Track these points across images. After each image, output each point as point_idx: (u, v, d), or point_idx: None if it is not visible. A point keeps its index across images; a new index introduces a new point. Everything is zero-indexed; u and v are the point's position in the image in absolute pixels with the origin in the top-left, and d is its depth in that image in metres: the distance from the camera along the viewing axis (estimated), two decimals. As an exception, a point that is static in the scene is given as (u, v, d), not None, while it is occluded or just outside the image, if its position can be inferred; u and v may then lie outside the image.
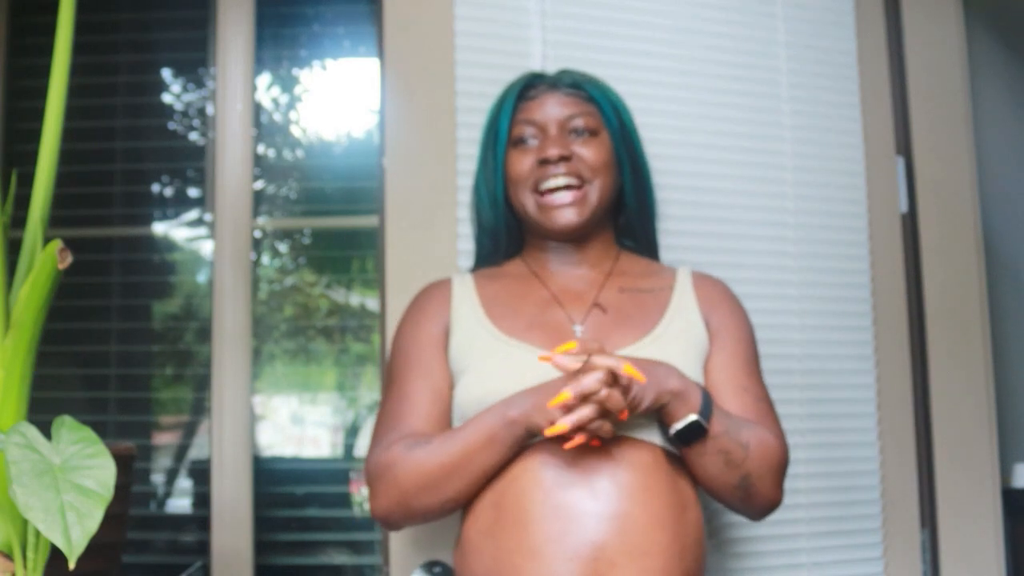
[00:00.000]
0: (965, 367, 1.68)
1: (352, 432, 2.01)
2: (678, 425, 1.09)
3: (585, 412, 1.02)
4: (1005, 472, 1.81)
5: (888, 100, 1.74)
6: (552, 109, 1.25)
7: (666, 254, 1.47)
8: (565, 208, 1.23)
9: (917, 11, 1.75)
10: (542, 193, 1.24)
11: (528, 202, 1.25)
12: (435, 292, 1.28)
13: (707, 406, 1.10)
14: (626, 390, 1.04)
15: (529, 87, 1.28)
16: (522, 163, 1.25)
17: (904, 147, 1.74)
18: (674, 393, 1.09)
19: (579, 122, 1.25)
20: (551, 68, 1.48)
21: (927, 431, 1.67)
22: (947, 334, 1.68)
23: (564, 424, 1.01)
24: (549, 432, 1.03)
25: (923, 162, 1.72)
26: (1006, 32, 2.07)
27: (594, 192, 1.24)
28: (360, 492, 1.94)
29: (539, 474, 1.09)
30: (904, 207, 1.73)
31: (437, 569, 1.33)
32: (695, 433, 1.09)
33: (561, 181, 1.22)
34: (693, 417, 1.08)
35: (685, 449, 1.12)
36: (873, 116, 1.73)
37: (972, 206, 1.72)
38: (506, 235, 1.31)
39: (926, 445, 1.67)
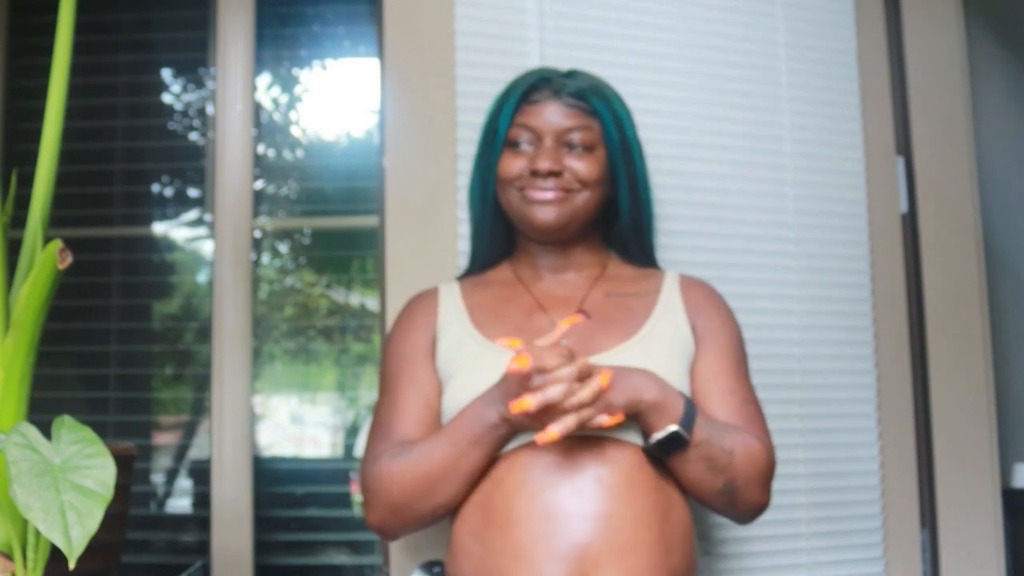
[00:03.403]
0: (965, 367, 1.68)
1: (352, 432, 2.01)
2: (658, 435, 1.09)
3: (570, 421, 1.02)
4: (1005, 472, 1.81)
5: (888, 100, 1.74)
6: (551, 118, 1.24)
7: (665, 254, 1.47)
8: (547, 205, 1.22)
9: (917, 11, 1.75)
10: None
11: (513, 199, 1.25)
12: (422, 302, 1.29)
13: (689, 415, 1.09)
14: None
15: (533, 90, 1.26)
16: (512, 165, 1.25)
17: (904, 147, 1.74)
18: (651, 404, 1.08)
19: (576, 136, 1.23)
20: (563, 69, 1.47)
21: (927, 431, 1.67)
22: (947, 334, 1.68)
23: (553, 433, 1.01)
24: (540, 440, 1.02)
25: (923, 162, 1.72)
26: (1006, 32, 2.07)
27: (579, 199, 1.23)
28: (359, 496, 1.94)
29: (525, 476, 1.10)
30: (904, 207, 1.73)
31: (436, 569, 1.33)
32: (675, 443, 1.09)
33: (549, 195, 1.22)
34: (673, 428, 1.08)
35: (667, 456, 1.12)
36: (873, 116, 1.73)
37: (972, 206, 1.72)
38: (491, 234, 1.31)
39: (926, 445, 1.67)
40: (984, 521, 1.65)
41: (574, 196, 1.23)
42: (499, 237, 1.32)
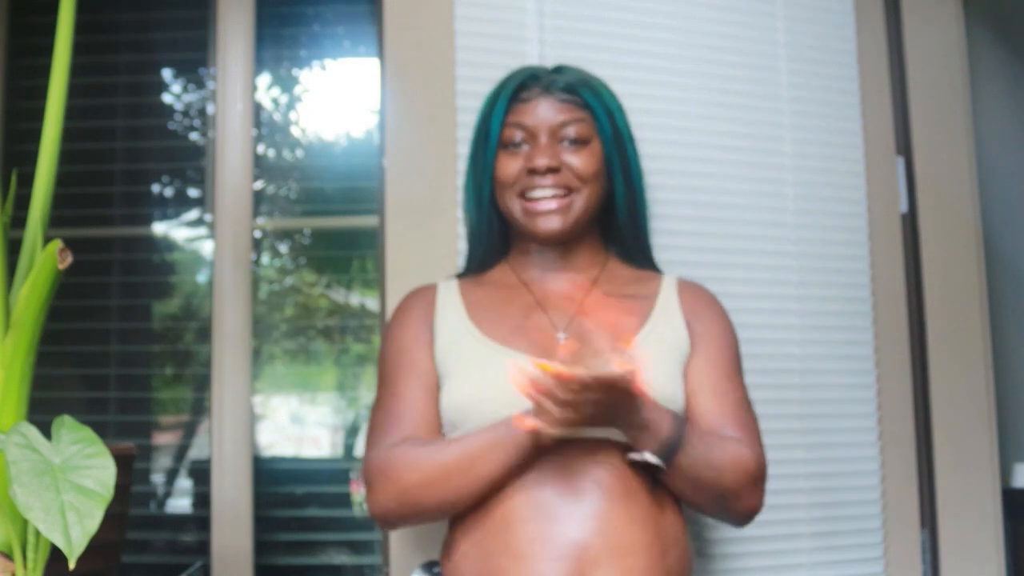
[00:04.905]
0: (965, 367, 1.68)
1: (352, 432, 2.01)
2: (634, 456, 1.09)
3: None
4: (1005, 472, 1.80)
5: (888, 100, 1.74)
6: (544, 114, 1.23)
7: (665, 255, 1.47)
8: (550, 215, 1.22)
9: (917, 11, 1.75)
10: (528, 199, 1.23)
11: (514, 206, 1.24)
12: (420, 297, 1.28)
13: (676, 439, 1.08)
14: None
15: (522, 88, 1.26)
16: (510, 167, 1.24)
17: (904, 147, 1.74)
18: (640, 426, 1.07)
19: (571, 131, 1.23)
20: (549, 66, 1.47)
21: (927, 431, 1.67)
22: (947, 334, 1.68)
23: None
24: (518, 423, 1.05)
25: (923, 162, 1.72)
26: (1006, 32, 2.06)
27: (580, 200, 1.23)
28: (360, 492, 1.94)
29: (522, 477, 1.10)
30: (904, 207, 1.73)
31: (436, 569, 1.33)
32: (656, 467, 1.09)
33: (548, 192, 1.22)
34: (652, 459, 1.08)
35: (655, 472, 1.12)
36: (873, 116, 1.73)
37: (972, 206, 1.72)
38: (488, 236, 1.31)
39: (926, 445, 1.67)
40: (984, 521, 1.65)
41: (574, 197, 1.23)
42: (496, 239, 1.32)
